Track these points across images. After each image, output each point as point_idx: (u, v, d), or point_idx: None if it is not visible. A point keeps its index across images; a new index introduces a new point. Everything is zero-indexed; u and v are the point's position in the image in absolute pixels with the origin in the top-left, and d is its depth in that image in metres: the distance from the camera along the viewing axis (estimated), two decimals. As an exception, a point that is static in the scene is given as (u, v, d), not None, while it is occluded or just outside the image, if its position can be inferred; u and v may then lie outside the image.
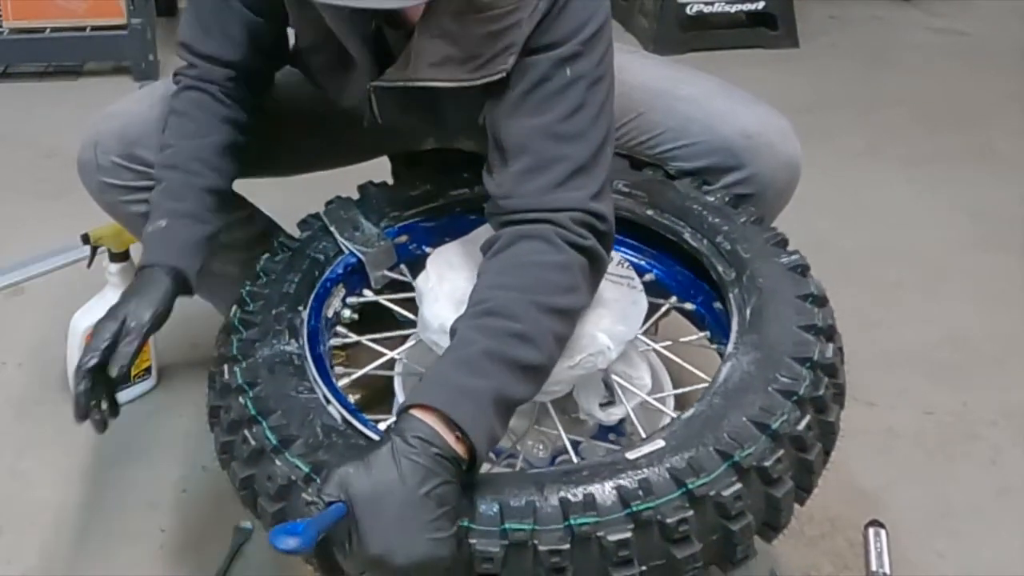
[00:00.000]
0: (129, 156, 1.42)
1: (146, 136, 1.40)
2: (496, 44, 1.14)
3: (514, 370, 1.03)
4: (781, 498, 1.04)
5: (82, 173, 1.48)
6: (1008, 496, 1.55)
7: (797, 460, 1.07)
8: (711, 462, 1.00)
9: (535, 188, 1.15)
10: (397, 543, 0.91)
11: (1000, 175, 2.54)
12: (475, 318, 1.07)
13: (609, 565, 0.96)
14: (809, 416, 1.08)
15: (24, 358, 1.83)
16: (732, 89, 1.49)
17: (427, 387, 1.01)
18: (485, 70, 1.16)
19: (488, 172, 1.20)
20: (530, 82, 1.16)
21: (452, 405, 0.97)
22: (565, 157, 1.15)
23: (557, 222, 1.13)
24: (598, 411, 1.25)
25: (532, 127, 1.16)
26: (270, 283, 1.28)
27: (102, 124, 1.47)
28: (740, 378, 1.11)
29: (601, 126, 1.18)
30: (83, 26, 2.99)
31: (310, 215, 1.41)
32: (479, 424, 0.97)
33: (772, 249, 1.30)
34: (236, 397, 1.12)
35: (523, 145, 1.16)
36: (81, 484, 1.56)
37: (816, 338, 1.15)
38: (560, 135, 1.15)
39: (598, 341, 1.19)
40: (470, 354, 1.02)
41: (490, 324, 1.05)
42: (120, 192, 1.44)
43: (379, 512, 0.91)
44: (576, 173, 1.15)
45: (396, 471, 0.92)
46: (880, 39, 3.48)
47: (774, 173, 1.42)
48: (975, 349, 1.89)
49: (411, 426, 0.95)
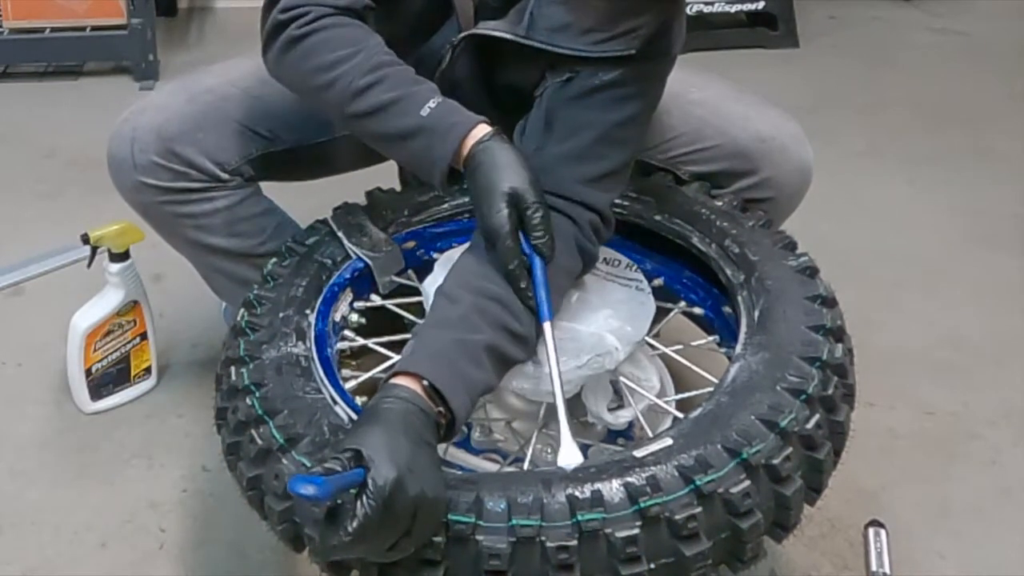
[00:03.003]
0: (168, 154, 1.38)
1: (186, 133, 1.38)
2: (617, 26, 1.18)
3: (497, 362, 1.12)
4: (791, 496, 1.04)
5: (116, 172, 1.43)
6: (1008, 496, 1.55)
7: (806, 459, 1.07)
8: (719, 459, 1.01)
9: (571, 176, 1.20)
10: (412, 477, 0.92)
11: (1000, 175, 2.54)
12: (478, 297, 1.12)
13: (617, 562, 0.96)
14: (818, 415, 1.08)
15: (24, 358, 1.83)
16: (744, 93, 1.49)
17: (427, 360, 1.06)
18: (608, 46, 1.19)
19: (527, 135, 1.24)
20: (612, 77, 1.20)
21: (445, 383, 1.03)
22: (605, 157, 1.22)
23: (577, 219, 1.21)
24: (606, 414, 1.25)
25: (590, 121, 1.21)
26: (277, 287, 1.28)
27: (138, 120, 1.41)
28: (748, 377, 1.11)
29: (640, 139, 1.27)
30: (83, 26, 2.99)
31: (318, 220, 1.41)
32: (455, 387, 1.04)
33: (780, 252, 1.30)
34: (243, 398, 1.12)
35: (575, 133, 1.21)
36: (81, 484, 1.56)
37: (825, 338, 1.15)
38: (611, 138, 1.22)
39: (606, 342, 1.20)
40: (474, 342, 1.08)
41: (493, 312, 1.11)
42: (157, 193, 1.41)
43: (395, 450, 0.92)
44: (609, 176, 1.23)
45: (402, 420, 0.96)
46: (880, 39, 3.48)
47: (787, 177, 1.43)
48: (975, 349, 1.89)
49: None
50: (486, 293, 1.13)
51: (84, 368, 1.66)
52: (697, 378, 1.28)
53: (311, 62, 1.20)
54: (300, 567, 1.39)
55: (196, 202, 1.42)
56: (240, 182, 1.44)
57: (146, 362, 1.74)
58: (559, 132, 1.22)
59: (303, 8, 1.20)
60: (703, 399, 1.13)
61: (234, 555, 1.43)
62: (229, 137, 1.41)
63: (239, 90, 1.44)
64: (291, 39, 1.20)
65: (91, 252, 1.62)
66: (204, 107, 1.41)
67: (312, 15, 1.19)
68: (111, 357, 1.68)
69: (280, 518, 1.04)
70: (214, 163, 1.40)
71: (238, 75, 1.46)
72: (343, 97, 1.18)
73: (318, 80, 1.19)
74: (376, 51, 1.20)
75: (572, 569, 0.96)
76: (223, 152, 1.41)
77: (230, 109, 1.42)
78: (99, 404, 1.70)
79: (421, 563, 0.97)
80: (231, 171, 1.42)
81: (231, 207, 1.44)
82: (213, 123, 1.40)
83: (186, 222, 1.44)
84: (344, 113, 1.20)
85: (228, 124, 1.41)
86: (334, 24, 1.20)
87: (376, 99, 1.17)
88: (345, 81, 1.18)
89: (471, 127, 1.15)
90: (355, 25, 1.21)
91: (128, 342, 1.70)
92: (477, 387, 1.08)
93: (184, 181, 1.39)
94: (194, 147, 1.38)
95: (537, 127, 1.24)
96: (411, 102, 1.16)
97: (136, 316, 1.70)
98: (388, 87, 1.17)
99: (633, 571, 0.96)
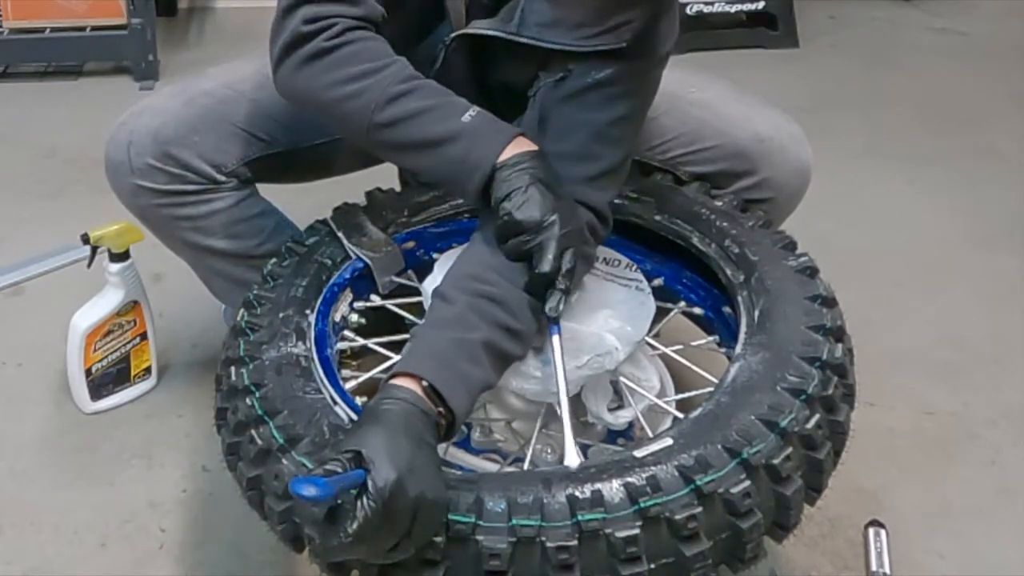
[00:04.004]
0: (165, 157, 1.38)
1: (182, 136, 1.38)
2: (606, 20, 1.18)
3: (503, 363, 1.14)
4: (791, 496, 1.04)
5: (113, 175, 1.43)
6: (1008, 496, 1.55)
7: (806, 459, 1.07)
8: (719, 459, 1.01)
9: (567, 176, 1.20)
10: (413, 478, 0.92)
11: (1000, 175, 2.54)
12: (475, 297, 1.12)
13: (617, 562, 0.96)
14: (818, 415, 1.08)
15: (24, 358, 1.83)
16: (743, 93, 1.49)
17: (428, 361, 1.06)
18: (598, 40, 1.19)
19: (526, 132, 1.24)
20: (604, 75, 1.21)
21: (445, 384, 1.03)
22: (602, 157, 1.22)
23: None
24: (606, 414, 1.25)
25: (584, 120, 1.21)
26: (277, 287, 1.28)
27: (135, 123, 1.41)
28: (748, 377, 1.11)
29: (635, 138, 1.27)
30: (83, 26, 2.98)
31: (317, 221, 1.41)
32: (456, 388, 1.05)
33: (780, 252, 1.30)
34: (243, 398, 1.12)
35: (569, 133, 1.22)
36: (81, 484, 1.56)
37: (825, 338, 1.15)
38: (606, 137, 1.22)
39: (606, 342, 1.20)
40: (472, 340, 1.09)
41: (489, 311, 1.11)
42: (154, 196, 1.41)
43: (395, 452, 0.92)
44: (606, 175, 1.23)
45: (402, 421, 0.97)
46: (880, 39, 3.48)
47: (786, 178, 1.43)
48: (975, 349, 1.89)
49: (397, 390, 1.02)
50: (481, 292, 1.13)
51: (84, 368, 1.66)
52: (697, 378, 1.28)
53: (339, 73, 1.19)
54: (300, 567, 1.39)
55: (193, 204, 1.42)
56: (237, 184, 1.44)
57: (146, 362, 1.74)
58: (554, 132, 1.22)
59: (330, 20, 1.19)
60: (703, 399, 1.13)
61: (234, 555, 1.43)
62: (226, 140, 1.41)
63: (237, 93, 1.44)
64: (319, 51, 1.19)
65: (91, 252, 1.62)
66: (201, 110, 1.40)
67: (340, 26, 1.19)
68: (111, 357, 1.68)
69: (280, 518, 1.04)
70: (211, 165, 1.40)
71: (236, 78, 1.46)
72: (373, 105, 1.17)
73: (343, 90, 1.18)
74: (407, 64, 1.21)
75: (572, 569, 0.96)
76: (220, 155, 1.41)
77: (227, 112, 1.42)
78: (99, 404, 1.70)
79: (422, 563, 0.97)
80: (228, 173, 1.42)
81: (228, 209, 1.44)
82: (210, 126, 1.40)
83: (184, 224, 1.44)
84: (370, 122, 1.18)
85: (225, 127, 1.41)
86: (362, 38, 1.20)
87: (413, 105, 1.17)
88: (377, 90, 1.17)
89: (514, 135, 1.17)
90: (381, 40, 1.22)
91: (128, 342, 1.70)
92: (476, 385, 1.08)
93: (181, 184, 1.39)
94: (191, 150, 1.38)
95: (531, 127, 1.24)
96: (451, 109, 1.18)
97: (136, 316, 1.70)
98: (424, 95, 1.18)
99: (633, 571, 0.96)
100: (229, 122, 1.41)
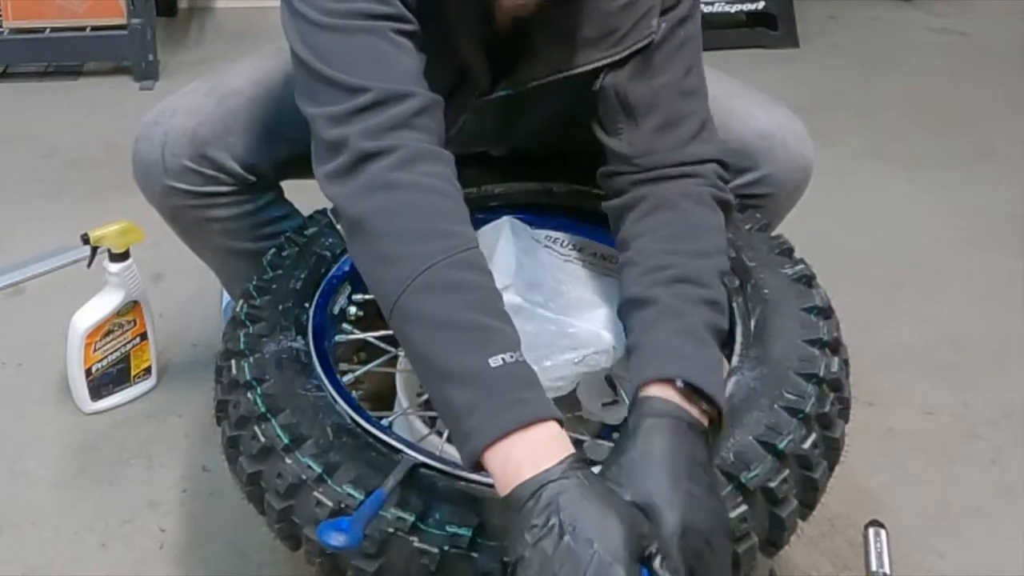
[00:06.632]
0: (201, 158, 1.35)
1: (218, 137, 1.35)
2: (634, 13, 1.17)
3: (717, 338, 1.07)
4: (785, 518, 1.03)
5: (143, 176, 1.39)
6: (1008, 496, 1.55)
7: (802, 478, 1.06)
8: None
9: (672, 143, 1.19)
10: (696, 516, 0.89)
11: (1000, 175, 2.54)
12: (668, 285, 1.08)
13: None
14: (815, 434, 1.07)
15: (24, 358, 1.83)
16: (747, 88, 1.49)
17: (666, 360, 1.01)
18: (629, 39, 1.18)
19: (612, 135, 1.22)
20: (653, 44, 1.19)
21: (699, 376, 0.98)
22: (692, 112, 1.20)
23: (702, 174, 1.18)
24: (601, 410, 1.25)
25: (659, 85, 1.19)
26: (276, 278, 1.27)
27: (169, 123, 1.37)
28: (746, 395, 1.09)
29: (705, 83, 1.24)
30: (83, 26, 2.98)
31: (317, 211, 1.40)
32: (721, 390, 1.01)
33: (777, 258, 1.29)
34: (244, 393, 1.11)
35: (652, 104, 1.19)
36: (81, 484, 1.56)
37: (822, 352, 1.14)
38: (685, 91, 1.20)
39: (603, 339, 1.19)
40: (691, 324, 1.04)
41: (690, 293, 1.07)
42: (187, 197, 1.37)
43: (674, 494, 0.88)
44: (704, 127, 1.21)
45: (669, 447, 0.93)
46: (880, 39, 3.48)
47: (788, 175, 1.43)
48: (975, 349, 1.89)
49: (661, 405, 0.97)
50: (672, 277, 1.09)
51: (84, 368, 1.66)
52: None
53: (393, 224, 0.97)
54: (300, 567, 1.39)
55: (225, 206, 1.40)
56: (266, 185, 1.42)
57: (146, 362, 1.74)
58: (639, 108, 1.20)
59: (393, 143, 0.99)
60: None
61: (234, 555, 1.43)
62: (258, 140, 1.38)
63: (266, 90, 1.41)
64: (383, 184, 0.98)
65: (91, 252, 1.62)
66: (234, 109, 1.38)
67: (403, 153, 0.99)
68: (111, 357, 1.68)
69: (279, 516, 1.04)
70: (243, 167, 1.37)
71: (263, 75, 1.43)
72: (406, 280, 0.94)
73: (392, 249, 0.96)
74: (471, 241, 0.98)
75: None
76: (252, 155, 1.38)
77: (258, 112, 1.39)
78: (99, 404, 1.70)
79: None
80: (259, 175, 1.40)
81: (258, 211, 1.42)
82: (243, 126, 1.37)
83: (214, 227, 1.42)
84: (395, 301, 0.94)
85: (256, 127, 1.38)
86: (431, 187, 0.99)
87: (445, 309, 0.92)
88: (418, 262, 0.94)
89: (536, 420, 0.87)
90: (454, 195, 1.01)
91: (128, 342, 1.70)
92: (719, 368, 1.05)
93: (214, 185, 1.37)
94: (226, 151, 1.36)
95: (618, 115, 1.21)
96: (483, 338, 0.90)
97: (136, 316, 1.70)
98: (467, 304, 0.92)
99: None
100: (260, 121, 1.39)
